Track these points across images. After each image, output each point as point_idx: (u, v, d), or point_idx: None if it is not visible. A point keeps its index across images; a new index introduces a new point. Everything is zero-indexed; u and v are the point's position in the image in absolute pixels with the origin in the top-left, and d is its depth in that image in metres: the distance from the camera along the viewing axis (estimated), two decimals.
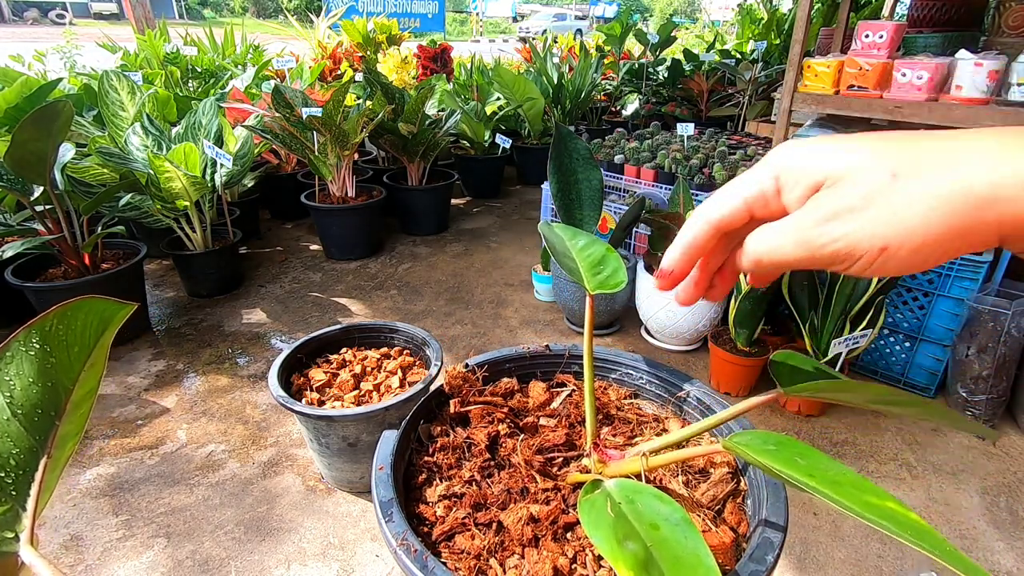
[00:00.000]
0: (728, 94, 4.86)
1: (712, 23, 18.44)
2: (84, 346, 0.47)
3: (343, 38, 4.80)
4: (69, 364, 0.46)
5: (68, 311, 0.45)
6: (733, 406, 0.56)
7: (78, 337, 0.46)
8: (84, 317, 0.46)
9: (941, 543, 0.31)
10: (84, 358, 0.47)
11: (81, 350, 0.46)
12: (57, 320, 0.45)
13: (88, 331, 0.46)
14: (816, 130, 2.54)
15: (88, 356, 0.47)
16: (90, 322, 0.46)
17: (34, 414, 0.44)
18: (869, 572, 1.37)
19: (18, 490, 0.43)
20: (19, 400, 0.43)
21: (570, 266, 0.72)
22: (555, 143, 1.64)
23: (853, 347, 1.74)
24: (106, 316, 0.47)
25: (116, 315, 0.48)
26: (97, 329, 0.47)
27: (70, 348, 0.46)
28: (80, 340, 0.46)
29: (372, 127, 2.93)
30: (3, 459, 0.42)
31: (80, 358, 0.46)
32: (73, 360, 0.46)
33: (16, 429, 0.43)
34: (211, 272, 2.60)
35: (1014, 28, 2.50)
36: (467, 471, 0.73)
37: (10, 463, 0.43)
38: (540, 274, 2.59)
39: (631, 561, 0.42)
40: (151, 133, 2.40)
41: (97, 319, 0.47)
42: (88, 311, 0.46)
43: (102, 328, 0.47)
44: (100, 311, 0.47)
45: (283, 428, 1.82)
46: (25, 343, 0.44)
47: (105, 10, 23.01)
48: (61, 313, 0.45)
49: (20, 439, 0.43)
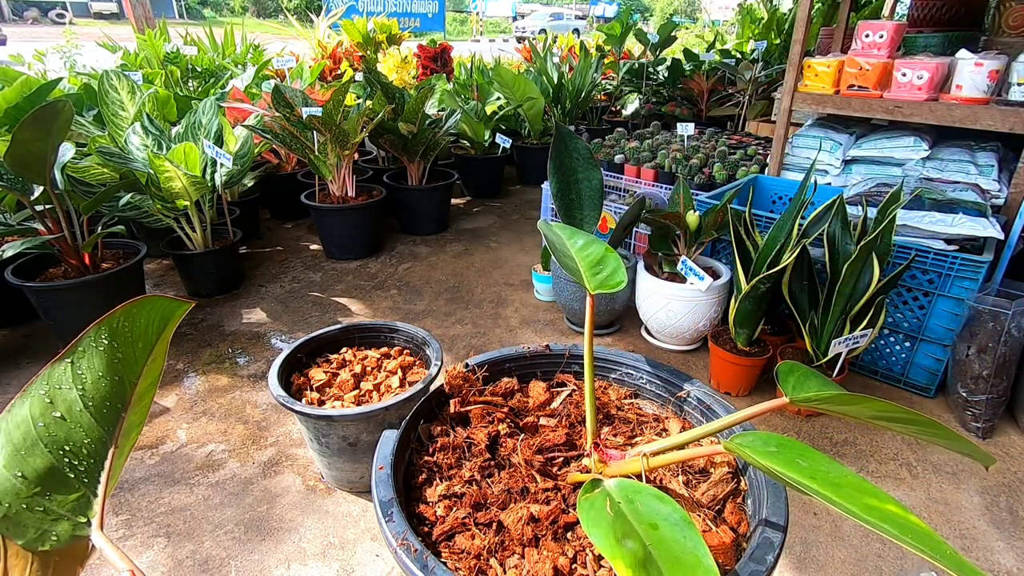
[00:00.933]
0: (728, 94, 4.86)
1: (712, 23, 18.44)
2: (148, 342, 0.49)
3: (343, 38, 4.80)
4: (134, 358, 0.48)
5: (134, 309, 0.48)
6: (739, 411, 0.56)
7: (142, 333, 0.49)
8: (147, 314, 0.49)
9: (941, 546, 0.31)
10: (148, 352, 0.50)
11: (145, 345, 0.49)
12: (124, 317, 0.47)
13: (151, 327, 0.49)
14: (816, 130, 2.54)
15: (151, 351, 0.50)
16: (153, 319, 0.49)
17: (103, 406, 0.46)
18: (869, 572, 1.37)
19: (90, 478, 0.45)
20: (90, 393, 0.46)
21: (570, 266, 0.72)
22: (555, 143, 1.64)
23: (853, 347, 1.74)
24: (167, 313, 0.50)
25: (176, 312, 0.51)
26: (159, 325, 0.50)
27: (135, 344, 0.48)
28: (144, 336, 0.49)
29: (372, 127, 2.93)
30: (77, 448, 0.45)
31: (144, 353, 0.49)
32: (138, 355, 0.49)
33: (88, 420, 0.45)
34: (211, 272, 2.60)
35: (1014, 28, 2.50)
36: (467, 471, 0.73)
37: (82, 452, 0.45)
38: (540, 274, 2.59)
39: (630, 560, 0.42)
40: (151, 133, 2.40)
41: (159, 316, 0.49)
42: (151, 309, 0.49)
43: (163, 324, 0.50)
44: (162, 309, 0.50)
45: (283, 428, 1.82)
46: (96, 339, 0.46)
47: (105, 10, 23.00)
48: (127, 311, 0.48)
49: (91, 429, 0.46)
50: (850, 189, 2.31)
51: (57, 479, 0.43)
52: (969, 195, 2.06)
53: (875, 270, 1.68)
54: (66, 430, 0.44)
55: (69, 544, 0.43)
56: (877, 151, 2.33)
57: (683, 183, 2.15)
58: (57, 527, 0.43)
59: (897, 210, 1.71)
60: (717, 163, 2.92)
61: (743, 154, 3.12)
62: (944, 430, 0.45)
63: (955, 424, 1.85)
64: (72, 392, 0.45)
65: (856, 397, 0.44)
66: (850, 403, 0.46)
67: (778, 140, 2.54)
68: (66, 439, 0.44)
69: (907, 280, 1.88)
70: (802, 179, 2.14)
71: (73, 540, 0.44)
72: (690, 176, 2.90)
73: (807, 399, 0.49)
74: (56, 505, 0.43)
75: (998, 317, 1.67)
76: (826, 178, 2.47)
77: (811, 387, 0.52)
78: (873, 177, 2.32)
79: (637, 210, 1.96)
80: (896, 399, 1.96)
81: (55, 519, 0.43)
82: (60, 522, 0.43)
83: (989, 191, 2.10)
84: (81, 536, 0.44)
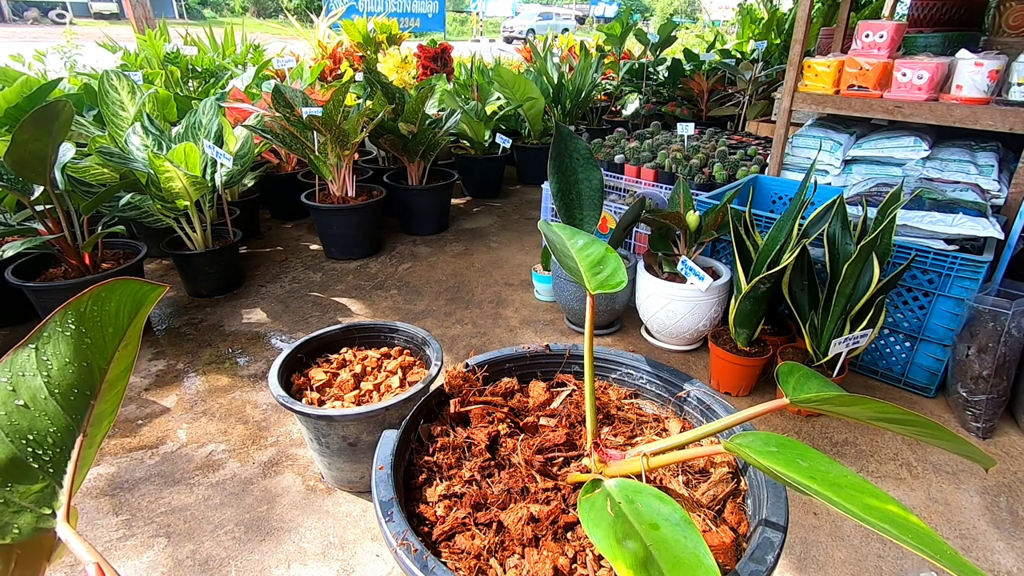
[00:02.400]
0: (728, 94, 4.86)
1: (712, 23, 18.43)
2: (118, 327, 0.47)
3: (343, 38, 4.80)
4: (104, 344, 0.46)
5: (103, 292, 0.45)
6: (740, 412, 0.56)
7: (112, 318, 0.46)
8: (118, 298, 0.46)
9: (941, 546, 0.31)
10: (119, 339, 0.47)
11: (116, 331, 0.47)
12: (92, 301, 0.45)
13: (122, 312, 0.47)
14: (816, 130, 2.54)
15: (122, 336, 0.47)
16: (124, 303, 0.47)
17: (70, 393, 0.44)
18: (869, 572, 1.37)
19: (55, 467, 0.44)
20: (56, 380, 0.44)
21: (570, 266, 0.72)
22: (555, 143, 1.64)
23: (853, 347, 1.74)
24: (139, 297, 0.48)
25: (149, 296, 0.49)
26: (131, 310, 0.48)
27: (104, 329, 0.46)
28: (115, 321, 0.47)
29: (372, 127, 2.93)
30: (41, 437, 0.43)
31: (115, 339, 0.47)
32: (108, 340, 0.46)
33: (53, 408, 0.44)
34: (211, 272, 2.60)
35: (1014, 28, 2.50)
36: (467, 471, 0.73)
37: (47, 441, 0.43)
38: (540, 274, 2.59)
39: (631, 560, 0.42)
40: (151, 133, 2.40)
41: (131, 300, 0.47)
42: (122, 292, 0.46)
43: (136, 309, 0.48)
44: (133, 292, 0.47)
45: (283, 428, 1.82)
46: (61, 324, 0.44)
47: (105, 10, 22.99)
48: (96, 294, 0.45)
49: (57, 418, 0.44)
50: (850, 189, 2.31)
51: (19, 469, 0.42)
52: (969, 195, 2.06)
53: (875, 270, 1.68)
54: (29, 419, 0.42)
55: (32, 536, 0.42)
56: (877, 151, 2.33)
57: (683, 183, 2.15)
58: (19, 519, 0.41)
59: (897, 210, 1.71)
60: (717, 163, 2.92)
61: (743, 154, 3.12)
62: (944, 431, 0.45)
63: (955, 424, 1.85)
64: (36, 379, 0.43)
65: (856, 398, 0.44)
66: (850, 404, 0.46)
67: (778, 140, 2.54)
68: (29, 428, 0.42)
69: (907, 280, 1.88)
70: (802, 179, 2.14)
71: (36, 532, 0.42)
72: (690, 176, 2.90)
73: (807, 400, 0.49)
74: (18, 496, 0.41)
75: (998, 317, 1.67)
76: (826, 178, 2.47)
77: (811, 388, 0.53)
78: (873, 177, 2.32)
79: (637, 210, 1.96)
80: (896, 399, 1.96)
81: (16, 511, 0.41)
82: (22, 514, 0.42)
83: (989, 191, 2.10)
84: (45, 528, 0.42)
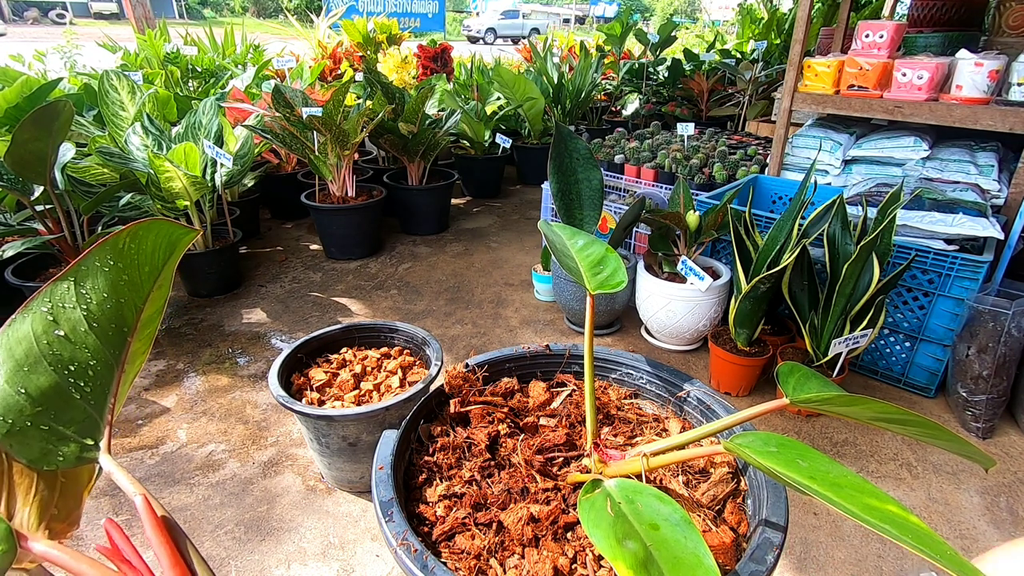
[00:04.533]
0: (728, 94, 4.86)
1: (712, 23, 18.41)
2: (154, 267, 0.47)
3: (343, 38, 4.80)
4: (140, 283, 0.46)
5: (139, 231, 0.45)
6: (740, 412, 0.56)
7: (148, 257, 0.46)
8: (154, 239, 0.46)
9: (941, 546, 0.31)
10: (154, 278, 0.47)
11: (152, 270, 0.47)
12: (129, 238, 0.45)
13: (158, 252, 0.47)
14: (816, 130, 2.54)
15: (158, 276, 0.47)
16: (159, 244, 0.46)
17: (109, 328, 0.44)
18: (869, 572, 1.37)
19: (96, 400, 0.44)
20: (95, 313, 0.43)
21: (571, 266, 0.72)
22: (555, 143, 1.64)
23: (853, 347, 1.74)
24: (173, 239, 0.48)
25: (183, 238, 0.48)
26: (165, 251, 0.47)
27: (141, 268, 0.46)
28: (151, 260, 0.46)
29: (372, 127, 2.93)
30: (81, 369, 0.43)
31: (151, 278, 0.47)
32: (144, 279, 0.46)
33: (93, 342, 0.43)
34: (211, 272, 2.60)
35: (1014, 28, 2.50)
36: (467, 471, 0.73)
37: (88, 374, 0.43)
38: (540, 274, 2.59)
39: (631, 560, 0.42)
40: (151, 133, 2.40)
41: (166, 241, 0.47)
42: (158, 232, 0.46)
43: (170, 251, 0.48)
44: (168, 233, 0.47)
45: (283, 428, 1.82)
46: (101, 259, 0.44)
47: (105, 10, 22.98)
48: (133, 231, 0.45)
49: (97, 351, 0.44)
50: (850, 189, 2.31)
51: (62, 399, 0.41)
52: (969, 195, 2.06)
53: (875, 270, 1.68)
54: (71, 350, 0.42)
55: (75, 465, 0.42)
56: (877, 151, 2.33)
57: (683, 183, 2.15)
58: (63, 447, 0.41)
59: (897, 210, 1.71)
60: (717, 163, 2.92)
61: (743, 154, 3.12)
62: (944, 431, 0.45)
63: (955, 424, 1.85)
64: (76, 312, 0.42)
65: (856, 398, 0.44)
66: (850, 404, 0.46)
67: (778, 140, 2.54)
68: (71, 359, 0.42)
69: (907, 280, 1.88)
70: (802, 179, 2.14)
71: (79, 462, 0.42)
72: (690, 176, 2.90)
73: (807, 400, 0.49)
74: (62, 425, 0.41)
75: (998, 317, 1.67)
76: (826, 178, 2.47)
77: (811, 388, 0.52)
78: (873, 177, 2.32)
79: (637, 210, 1.95)
80: (896, 399, 1.96)
81: (60, 439, 0.41)
82: (66, 443, 0.41)
83: (989, 191, 2.10)
84: (88, 458, 0.42)
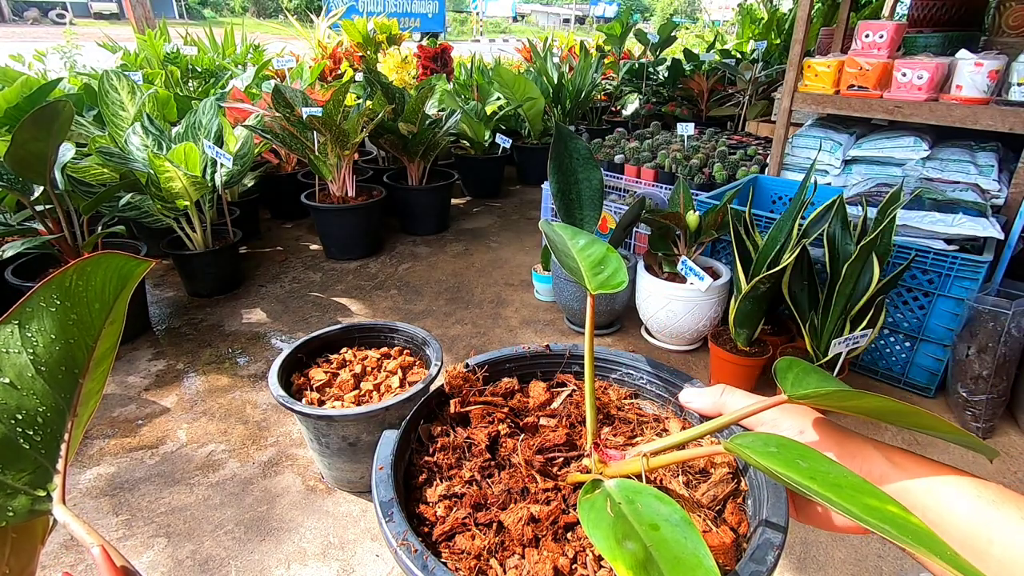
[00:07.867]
0: (728, 94, 4.86)
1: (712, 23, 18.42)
2: (104, 302, 0.45)
3: (343, 38, 4.80)
4: (90, 320, 0.45)
5: (87, 266, 0.44)
6: (739, 410, 0.56)
7: (98, 293, 0.45)
8: (103, 273, 0.45)
9: (941, 546, 0.31)
10: (105, 314, 0.46)
11: (102, 307, 0.45)
12: (76, 276, 0.43)
13: (108, 287, 0.45)
14: (816, 130, 2.54)
15: (109, 313, 0.46)
16: (109, 278, 0.45)
17: (58, 371, 0.43)
18: (869, 572, 1.37)
19: (47, 448, 0.42)
20: (43, 357, 0.42)
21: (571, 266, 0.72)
22: (555, 143, 1.64)
23: (853, 347, 1.74)
24: (124, 272, 0.46)
25: (135, 271, 0.47)
26: (116, 285, 0.46)
27: (91, 304, 0.44)
28: (100, 296, 0.45)
29: (372, 127, 2.93)
30: (31, 417, 0.41)
31: (101, 315, 0.45)
32: (94, 316, 0.45)
33: (42, 387, 0.42)
34: (211, 272, 2.60)
35: (1014, 28, 2.50)
36: (467, 471, 0.73)
37: (38, 421, 0.42)
38: (540, 274, 2.59)
39: (630, 561, 0.41)
40: (151, 133, 2.40)
41: (116, 275, 0.46)
42: (107, 267, 0.45)
43: (121, 285, 0.46)
44: (119, 267, 0.46)
45: (283, 428, 1.82)
46: (46, 299, 0.42)
47: (105, 10, 22.99)
48: (80, 268, 0.43)
49: (46, 397, 0.42)
50: (850, 189, 2.31)
51: (11, 451, 0.40)
52: (969, 195, 2.06)
53: (875, 270, 1.68)
54: (17, 398, 0.41)
55: (28, 519, 0.41)
56: (877, 151, 2.33)
57: (683, 183, 2.15)
58: (12, 502, 0.40)
59: (897, 210, 1.71)
60: (717, 163, 2.92)
61: (743, 154, 3.12)
62: (943, 423, 0.45)
63: (955, 424, 1.85)
64: (22, 356, 0.41)
65: (856, 393, 0.44)
66: (850, 399, 0.46)
67: (778, 140, 2.54)
68: (18, 407, 0.41)
69: (907, 280, 1.88)
70: (802, 179, 2.14)
71: (32, 515, 0.41)
72: (690, 176, 2.90)
73: (806, 395, 0.49)
74: (11, 479, 0.40)
75: (998, 317, 1.67)
76: (826, 178, 2.47)
77: (810, 383, 0.52)
78: (873, 177, 2.32)
79: (637, 210, 1.95)
80: (896, 399, 1.96)
81: (10, 493, 0.40)
82: (16, 496, 0.40)
83: (989, 191, 2.10)
84: (40, 510, 0.41)
